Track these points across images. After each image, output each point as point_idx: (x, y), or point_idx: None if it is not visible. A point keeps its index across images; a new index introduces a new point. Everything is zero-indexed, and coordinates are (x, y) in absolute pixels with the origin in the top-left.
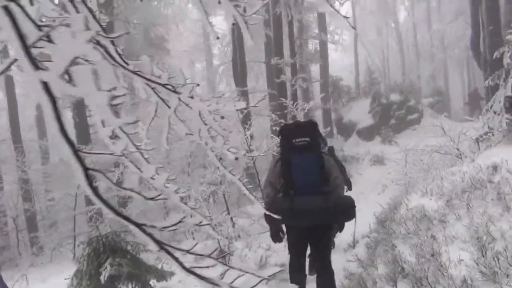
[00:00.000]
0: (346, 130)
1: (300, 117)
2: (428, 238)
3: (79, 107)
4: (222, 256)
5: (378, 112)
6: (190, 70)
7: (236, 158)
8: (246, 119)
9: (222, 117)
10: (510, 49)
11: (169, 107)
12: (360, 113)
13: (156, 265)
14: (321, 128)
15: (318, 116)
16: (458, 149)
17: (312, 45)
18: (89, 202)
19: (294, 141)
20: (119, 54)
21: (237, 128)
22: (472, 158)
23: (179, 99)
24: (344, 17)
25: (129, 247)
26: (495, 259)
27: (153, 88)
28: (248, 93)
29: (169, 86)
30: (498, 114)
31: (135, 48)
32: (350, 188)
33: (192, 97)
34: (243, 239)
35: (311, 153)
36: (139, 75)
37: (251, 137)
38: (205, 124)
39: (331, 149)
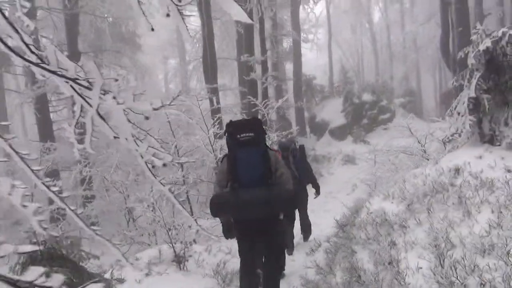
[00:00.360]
0: (319, 129)
1: (270, 116)
2: (388, 244)
3: (42, 103)
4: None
5: (350, 111)
6: (164, 66)
7: (164, 165)
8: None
9: (147, 118)
10: (474, 49)
11: (90, 105)
12: (333, 112)
13: (102, 273)
14: (293, 127)
15: (291, 115)
16: (424, 151)
17: (287, 43)
18: (51, 201)
19: (238, 136)
20: (26, 44)
21: (199, 126)
22: (436, 160)
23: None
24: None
25: (70, 255)
26: (453, 268)
27: (71, 85)
28: (218, 90)
29: (82, 82)
30: (462, 116)
31: (104, 42)
32: (318, 192)
33: (104, 94)
34: (206, 242)
35: (255, 147)
36: (42, 67)
37: (215, 135)
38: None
39: (302, 148)
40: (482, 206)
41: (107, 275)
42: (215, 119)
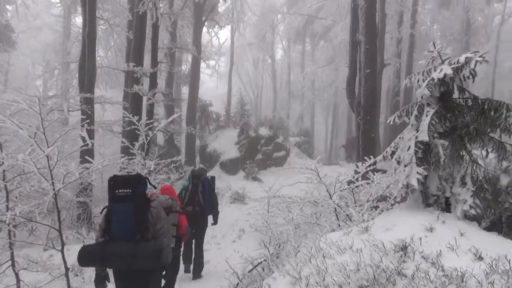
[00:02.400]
0: (210, 160)
1: (154, 139)
2: None
3: None
4: None
5: (245, 145)
6: (45, 69)
7: None
8: (90, 133)
9: None
10: (425, 77)
11: None
12: (226, 143)
13: None
14: (182, 157)
15: (182, 142)
16: (337, 205)
17: (186, 66)
18: None
19: (116, 191)
20: None
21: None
22: (364, 226)
23: None
24: None
25: None
26: None
27: None
28: (93, 101)
29: None
30: (405, 165)
31: None
32: (215, 221)
33: None
34: None
35: (131, 203)
36: None
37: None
38: None
39: (213, 179)
40: None
41: None
42: (63, 133)
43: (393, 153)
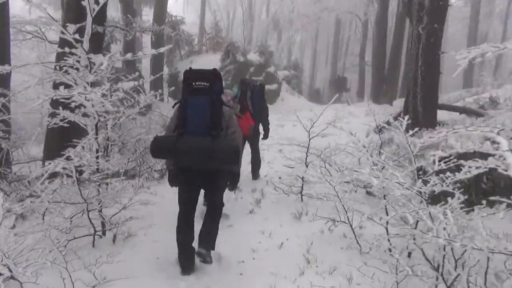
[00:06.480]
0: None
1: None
2: None
3: None
4: None
5: (231, 71)
6: None
7: None
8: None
9: None
10: None
11: None
12: None
13: None
14: (147, 86)
15: (146, 67)
16: None
17: None
18: None
19: (193, 84)
20: None
21: None
22: None
23: None
24: None
25: None
26: None
27: None
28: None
29: None
30: None
31: None
32: (266, 136)
33: None
34: None
35: (208, 97)
36: None
37: None
38: None
39: (262, 86)
40: None
41: None
42: None
43: None
